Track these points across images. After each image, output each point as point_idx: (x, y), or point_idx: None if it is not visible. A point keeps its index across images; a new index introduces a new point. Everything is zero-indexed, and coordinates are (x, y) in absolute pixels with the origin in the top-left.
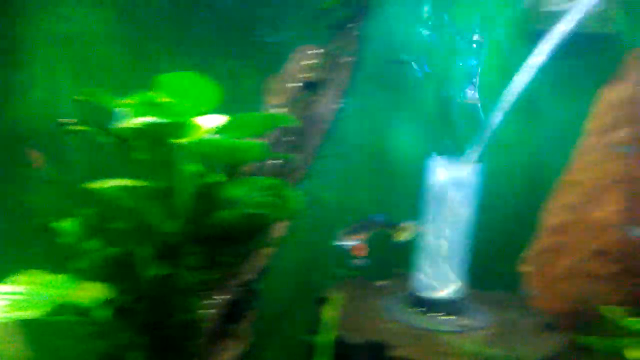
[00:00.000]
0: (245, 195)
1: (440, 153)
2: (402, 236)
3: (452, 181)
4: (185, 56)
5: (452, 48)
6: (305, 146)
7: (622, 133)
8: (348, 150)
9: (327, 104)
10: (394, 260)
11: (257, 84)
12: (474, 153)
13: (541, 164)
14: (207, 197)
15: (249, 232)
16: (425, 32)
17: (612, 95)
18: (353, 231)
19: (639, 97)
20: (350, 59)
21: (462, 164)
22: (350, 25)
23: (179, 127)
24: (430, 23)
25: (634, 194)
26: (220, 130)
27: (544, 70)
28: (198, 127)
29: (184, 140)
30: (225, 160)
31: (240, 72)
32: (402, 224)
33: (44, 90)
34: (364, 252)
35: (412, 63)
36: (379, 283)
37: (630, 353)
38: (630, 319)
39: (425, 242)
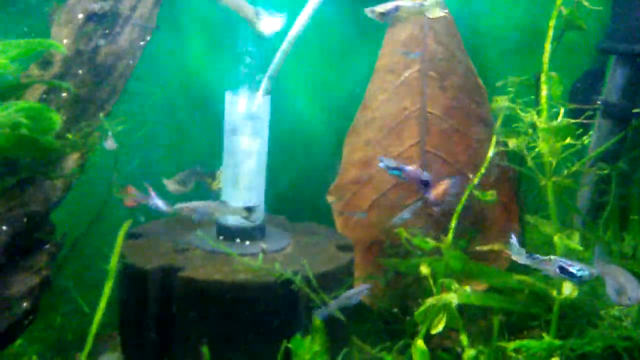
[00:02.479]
0: (0, 117)
1: (234, 87)
2: (218, 184)
3: (244, 113)
4: None
5: None
6: (107, 80)
7: (412, 71)
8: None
9: (128, 39)
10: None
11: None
12: (263, 86)
13: (355, 103)
14: None
15: (21, 159)
16: None
17: (397, 35)
18: (180, 180)
19: (420, 36)
20: None
21: (252, 97)
22: None
23: None
24: None
25: (427, 128)
26: None
27: (343, 14)
28: None
29: None
30: None
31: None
32: (218, 172)
33: None
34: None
35: None
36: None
37: (423, 269)
38: (420, 239)
39: (225, 174)
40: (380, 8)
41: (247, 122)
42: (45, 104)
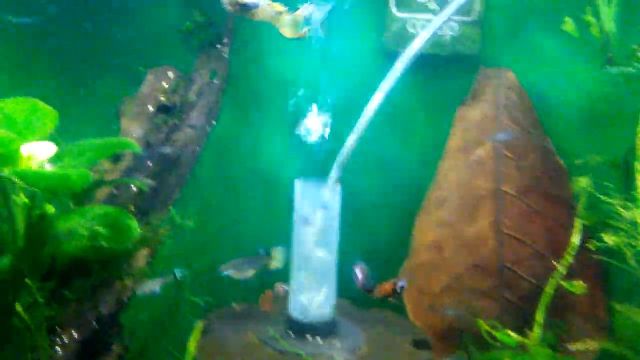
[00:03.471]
0: (78, 226)
1: (304, 176)
2: (276, 263)
3: (315, 203)
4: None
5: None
6: (175, 169)
7: (485, 150)
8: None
9: (194, 127)
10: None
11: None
12: (334, 174)
13: (419, 181)
14: (37, 230)
15: (94, 263)
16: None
17: (469, 114)
18: (242, 266)
19: (494, 115)
20: (219, 81)
21: (323, 185)
22: (218, 47)
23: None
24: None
25: (503, 208)
26: (57, 157)
27: (411, 91)
28: (26, 157)
29: (5, 171)
30: (51, 190)
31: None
32: (273, 250)
33: None
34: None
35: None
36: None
37: None
38: (503, 332)
39: (295, 265)
40: None
41: (317, 212)
42: (123, 209)
